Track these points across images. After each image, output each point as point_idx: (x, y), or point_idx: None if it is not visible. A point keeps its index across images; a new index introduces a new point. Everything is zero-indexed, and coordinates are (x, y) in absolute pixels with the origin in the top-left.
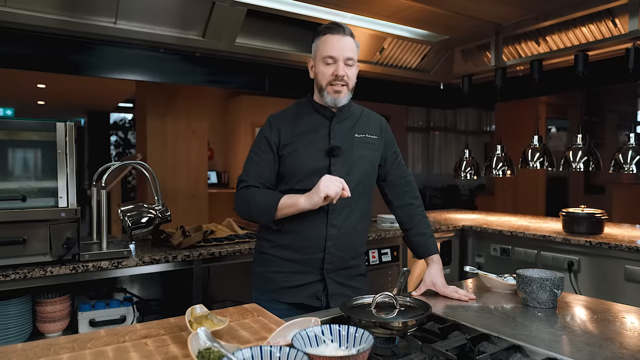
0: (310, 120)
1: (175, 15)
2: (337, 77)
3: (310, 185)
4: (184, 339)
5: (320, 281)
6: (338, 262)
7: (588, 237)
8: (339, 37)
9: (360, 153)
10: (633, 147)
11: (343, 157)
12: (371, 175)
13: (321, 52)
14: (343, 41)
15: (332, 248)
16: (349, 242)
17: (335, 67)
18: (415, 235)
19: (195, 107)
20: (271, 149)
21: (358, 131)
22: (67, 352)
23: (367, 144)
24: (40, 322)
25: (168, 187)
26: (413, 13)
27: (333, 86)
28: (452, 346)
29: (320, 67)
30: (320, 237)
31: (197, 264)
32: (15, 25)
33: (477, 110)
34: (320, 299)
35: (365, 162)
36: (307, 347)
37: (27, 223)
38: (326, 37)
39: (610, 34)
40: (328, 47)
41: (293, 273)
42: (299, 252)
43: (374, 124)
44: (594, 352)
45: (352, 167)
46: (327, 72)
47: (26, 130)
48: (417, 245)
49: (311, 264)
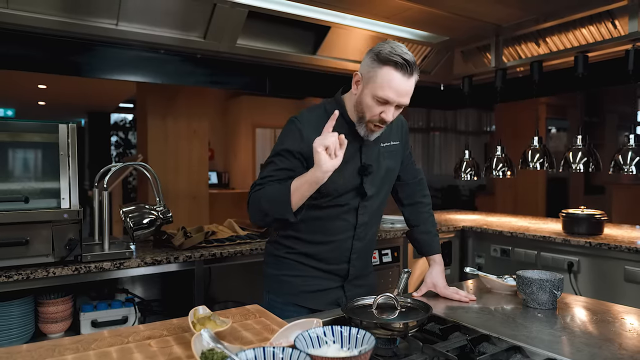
0: (341, 132)
1: (176, 16)
2: (383, 120)
3: (335, 202)
4: (187, 340)
5: (340, 287)
6: (359, 270)
7: (588, 238)
8: (404, 79)
9: (387, 165)
10: (633, 148)
11: (373, 173)
12: (393, 182)
13: (378, 89)
14: (406, 84)
15: (356, 260)
16: (369, 249)
17: (385, 110)
18: (420, 233)
19: (195, 108)
20: (298, 161)
21: (383, 140)
22: (71, 353)
23: (391, 152)
24: (42, 322)
25: (169, 188)
26: (413, 14)
27: (374, 125)
28: (453, 347)
29: (368, 100)
30: (346, 250)
31: (199, 265)
32: (17, 26)
33: (477, 110)
34: (340, 304)
35: (391, 174)
36: (309, 348)
37: (30, 224)
38: (392, 73)
39: (610, 36)
40: (389, 89)
41: (313, 278)
42: (323, 262)
43: (396, 128)
44: (593, 353)
45: (381, 182)
46: (375, 111)
47: (28, 131)
48: (422, 243)
49: (335, 273)
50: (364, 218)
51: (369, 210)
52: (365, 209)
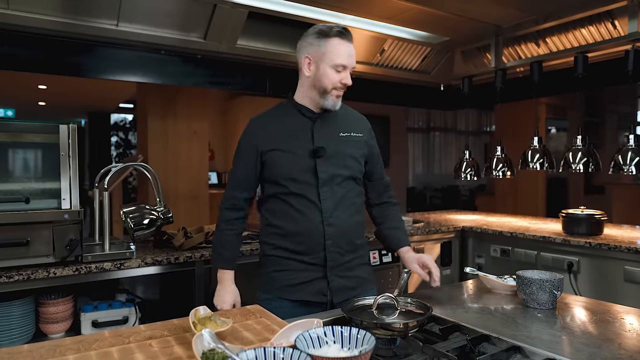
0: (292, 122)
1: (176, 17)
2: (345, 85)
3: (295, 189)
4: (188, 340)
5: (324, 278)
6: (339, 258)
7: (588, 238)
8: (349, 44)
9: (346, 151)
10: (632, 148)
11: (328, 156)
12: (358, 171)
13: (332, 58)
14: (352, 49)
15: (332, 246)
16: (347, 236)
17: (344, 76)
18: (387, 229)
19: (196, 108)
20: (253, 154)
21: (342, 130)
22: (72, 353)
23: (353, 142)
24: (43, 323)
25: (169, 188)
26: (413, 15)
27: (337, 91)
28: (453, 347)
29: (327, 71)
30: (319, 237)
31: (199, 265)
32: (17, 27)
33: (477, 111)
34: (326, 295)
35: (351, 160)
36: (310, 349)
37: (31, 225)
38: (337, 41)
39: (610, 36)
40: (341, 54)
41: (296, 271)
42: (302, 254)
43: (358, 123)
44: (592, 353)
45: (338, 166)
46: (335, 79)
47: (29, 132)
48: (390, 239)
49: (314, 264)
50: (328, 203)
51: (332, 195)
52: (326, 193)
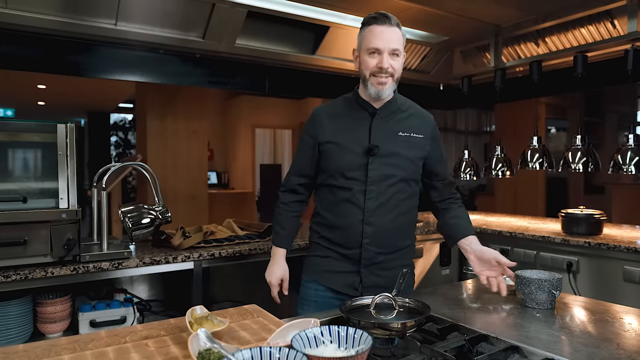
0: (353, 116)
1: (175, 16)
2: (381, 69)
3: (343, 183)
4: (184, 339)
5: (357, 273)
6: (375, 257)
7: (587, 237)
8: (384, 27)
9: (403, 151)
10: (632, 148)
11: (382, 155)
12: (413, 173)
13: (366, 43)
14: (388, 32)
15: (369, 245)
16: (388, 237)
17: (379, 59)
18: (451, 217)
19: (195, 108)
20: (312, 144)
21: (402, 129)
22: (68, 353)
23: (412, 143)
24: (40, 322)
25: (168, 188)
26: (413, 14)
27: (377, 77)
28: (451, 347)
29: (364, 57)
30: (357, 235)
31: (197, 265)
32: (16, 26)
33: (476, 110)
34: (357, 289)
35: (406, 161)
36: (306, 348)
37: (28, 224)
38: (372, 27)
39: (609, 36)
40: (373, 38)
41: (332, 259)
42: (340, 246)
43: (421, 123)
44: (591, 353)
45: (392, 166)
46: (371, 64)
47: (27, 131)
48: (453, 228)
49: (350, 257)
50: (372, 202)
51: (378, 195)
52: (373, 192)
